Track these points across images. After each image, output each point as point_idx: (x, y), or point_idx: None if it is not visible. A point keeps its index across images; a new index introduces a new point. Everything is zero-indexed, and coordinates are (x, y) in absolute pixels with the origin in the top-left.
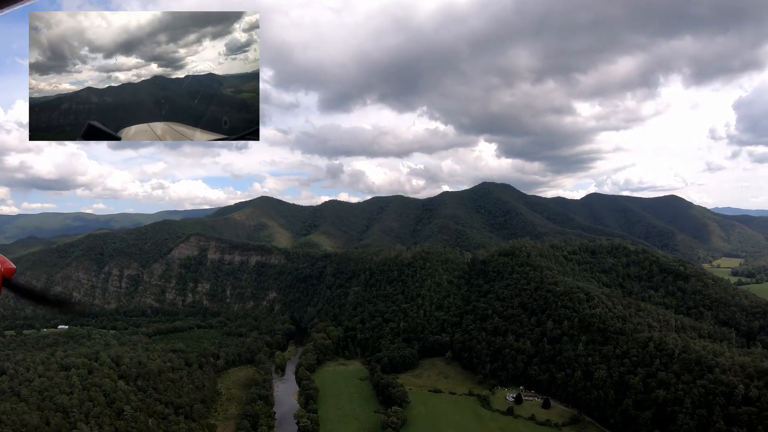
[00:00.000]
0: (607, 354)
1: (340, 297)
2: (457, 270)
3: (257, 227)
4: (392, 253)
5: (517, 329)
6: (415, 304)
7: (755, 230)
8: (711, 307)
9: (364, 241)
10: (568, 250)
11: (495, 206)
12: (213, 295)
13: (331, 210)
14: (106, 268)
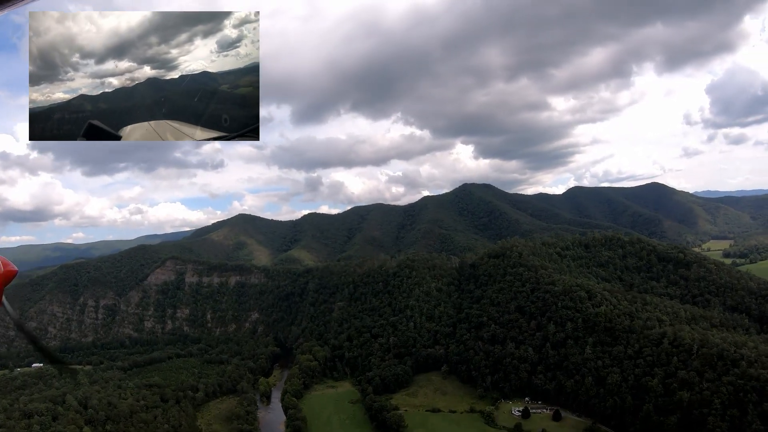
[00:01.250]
0: (618, 355)
1: (325, 314)
2: (446, 276)
3: (236, 246)
4: (376, 263)
5: (516, 336)
6: (403, 317)
7: (740, 210)
8: (717, 293)
9: (347, 252)
10: (561, 246)
11: (478, 207)
12: (193, 321)
13: (310, 223)
14: (81, 300)
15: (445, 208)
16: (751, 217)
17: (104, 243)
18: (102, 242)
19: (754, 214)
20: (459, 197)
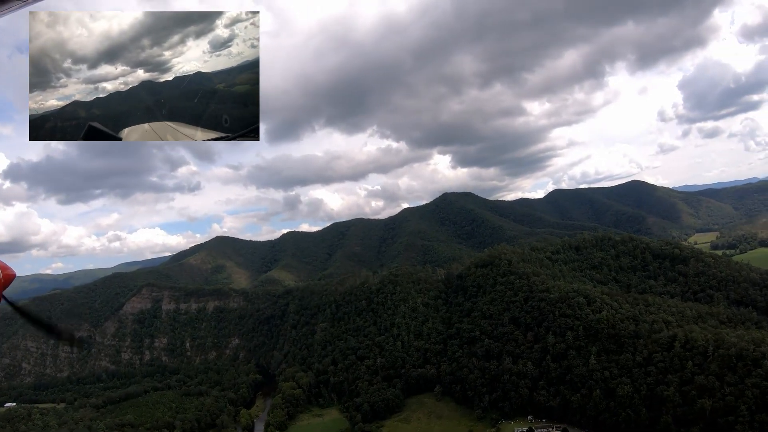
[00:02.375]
0: (627, 364)
1: (307, 336)
2: (432, 290)
3: (214, 270)
4: (357, 280)
5: (512, 350)
6: (390, 336)
7: (722, 202)
8: (719, 287)
9: (328, 270)
10: (551, 251)
11: (459, 216)
12: (172, 350)
13: (290, 242)
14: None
15: (426, 219)
16: (733, 207)
17: (83, 272)
18: (81, 272)
19: (735, 204)
20: (439, 207)
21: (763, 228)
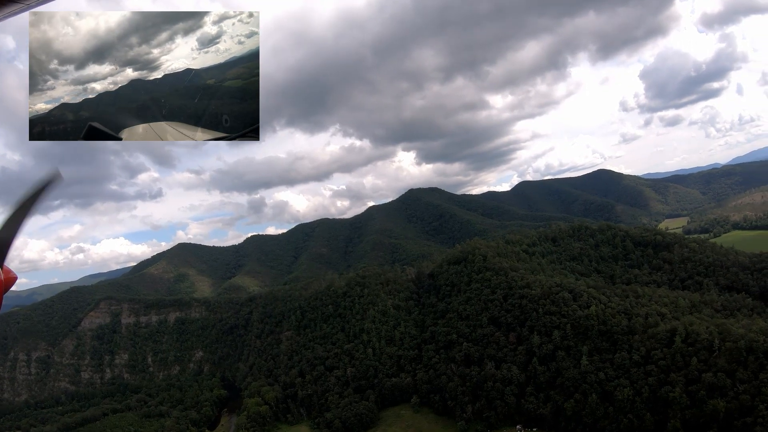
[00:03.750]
0: (623, 364)
1: (272, 346)
2: (402, 291)
3: (177, 278)
4: (323, 284)
5: (494, 353)
6: (360, 343)
7: (689, 188)
8: (707, 273)
9: (294, 273)
10: (526, 243)
11: (426, 212)
12: (133, 366)
13: (254, 246)
14: (12, 354)
15: (393, 216)
16: (701, 192)
17: (47, 287)
18: (44, 287)
19: (702, 189)
20: (406, 204)
21: (734, 211)
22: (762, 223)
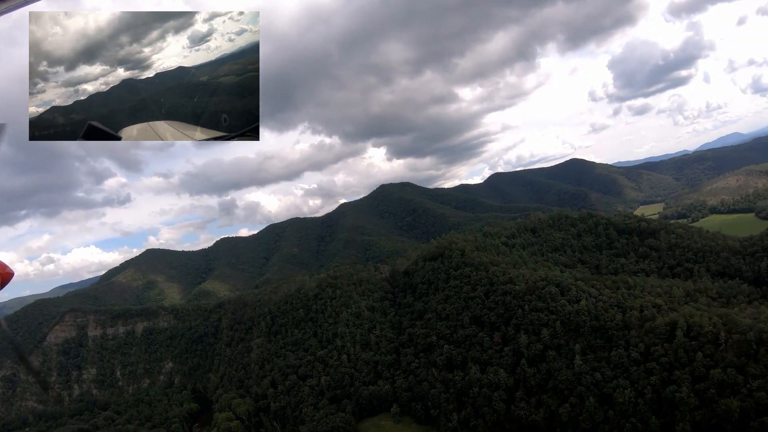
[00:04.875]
0: (621, 362)
1: (243, 355)
2: (376, 291)
3: (146, 286)
4: (293, 286)
5: (478, 356)
6: (333, 348)
7: (662, 174)
8: (697, 260)
9: (266, 276)
10: (505, 235)
11: (398, 207)
12: (102, 381)
13: (224, 249)
14: None
15: (364, 213)
16: (674, 178)
17: (18, 300)
18: (15, 300)
19: (676, 175)
20: (377, 200)
21: (710, 195)
22: (740, 206)
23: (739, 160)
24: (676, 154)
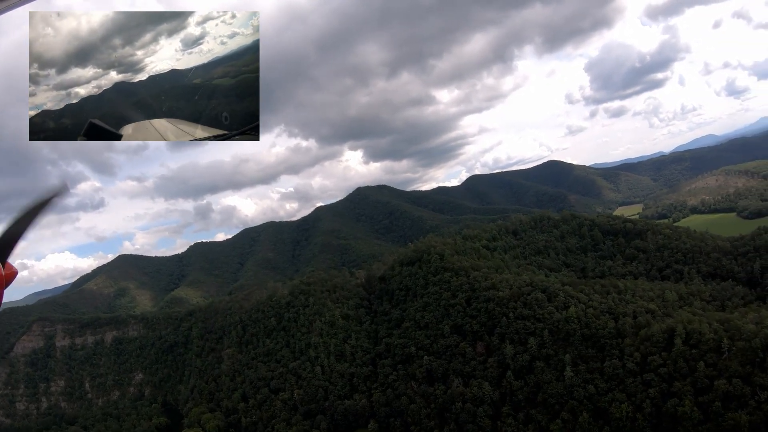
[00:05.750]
0: (615, 373)
1: (213, 366)
2: (352, 298)
3: (117, 293)
4: (265, 293)
5: (460, 368)
6: (307, 360)
7: (640, 175)
8: (686, 261)
9: (240, 282)
10: (486, 238)
11: (375, 210)
12: (70, 393)
13: (198, 254)
14: None
15: (341, 216)
16: (652, 179)
17: None
18: None
19: (653, 176)
20: (354, 203)
21: (689, 195)
22: (721, 206)
23: (716, 160)
24: (652, 156)
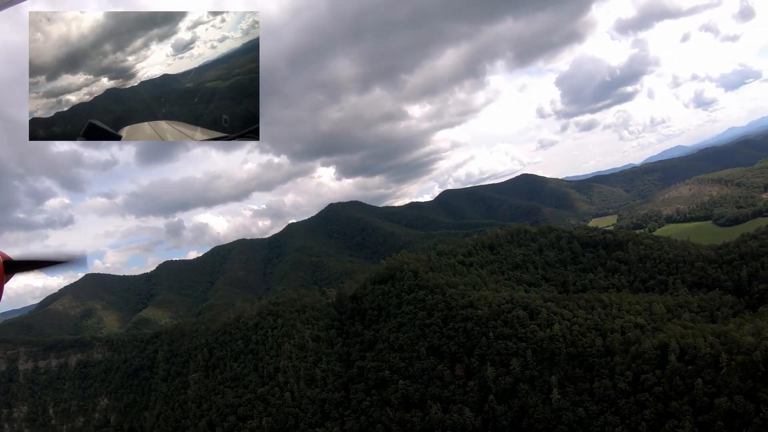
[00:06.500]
0: (606, 395)
1: (180, 391)
2: (322, 318)
3: (84, 314)
4: (232, 314)
5: (439, 392)
6: (275, 385)
7: (613, 186)
8: (670, 271)
9: (209, 301)
10: (461, 254)
11: (347, 226)
12: (33, 420)
13: (167, 273)
14: None
15: (313, 233)
16: (624, 190)
17: None
18: None
19: (626, 187)
20: (326, 219)
21: (663, 205)
22: (696, 214)
23: (687, 170)
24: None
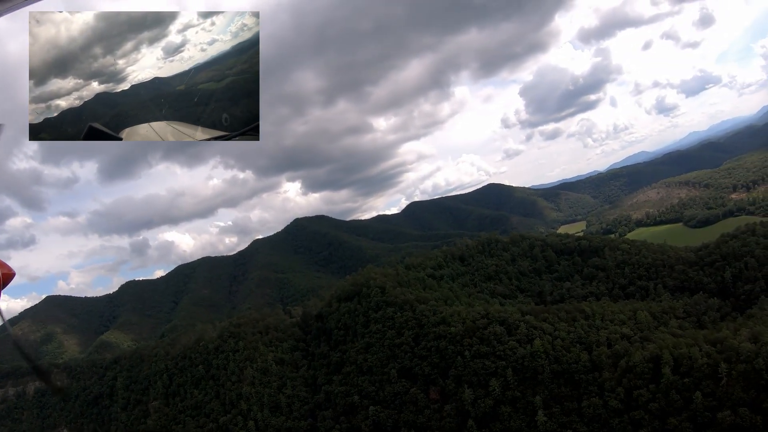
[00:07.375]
0: (596, 414)
1: (140, 420)
2: (286, 339)
3: (44, 339)
4: (192, 337)
5: (413, 418)
6: (238, 413)
7: (580, 193)
8: (650, 276)
9: (173, 322)
10: (431, 267)
11: (313, 242)
12: None
13: (130, 294)
14: None
15: (278, 249)
16: (591, 196)
17: None
18: None
19: (593, 193)
20: (292, 235)
21: (632, 209)
22: (666, 217)
23: (653, 174)
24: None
